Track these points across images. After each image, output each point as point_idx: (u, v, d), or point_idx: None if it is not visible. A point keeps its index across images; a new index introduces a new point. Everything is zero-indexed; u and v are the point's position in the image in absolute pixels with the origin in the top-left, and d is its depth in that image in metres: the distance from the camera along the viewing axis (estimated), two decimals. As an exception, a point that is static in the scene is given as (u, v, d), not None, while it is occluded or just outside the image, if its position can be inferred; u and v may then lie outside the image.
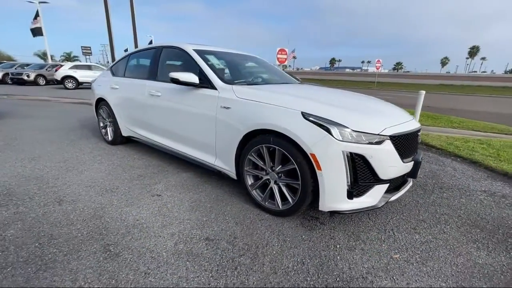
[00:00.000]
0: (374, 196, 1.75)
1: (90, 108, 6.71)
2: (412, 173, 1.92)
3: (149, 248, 1.60)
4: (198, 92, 2.34)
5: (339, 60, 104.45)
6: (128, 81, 3.23)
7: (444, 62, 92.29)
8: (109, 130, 3.68)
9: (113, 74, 3.60)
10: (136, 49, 3.42)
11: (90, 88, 4.35)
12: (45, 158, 3.11)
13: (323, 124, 1.65)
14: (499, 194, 2.52)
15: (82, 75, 13.87)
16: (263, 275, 1.42)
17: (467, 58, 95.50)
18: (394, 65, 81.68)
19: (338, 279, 1.40)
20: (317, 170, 1.66)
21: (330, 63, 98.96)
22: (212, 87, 2.27)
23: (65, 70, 13.80)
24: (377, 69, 28.48)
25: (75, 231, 1.75)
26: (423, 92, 6.16)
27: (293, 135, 1.71)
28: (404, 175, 1.90)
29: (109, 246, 1.61)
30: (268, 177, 1.98)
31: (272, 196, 1.99)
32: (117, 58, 3.85)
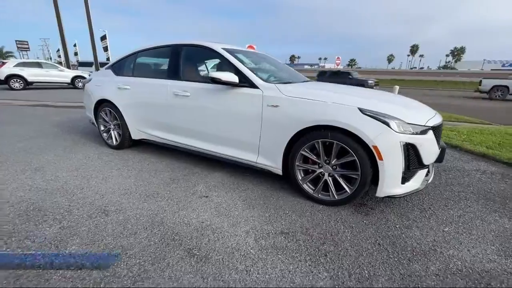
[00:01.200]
0: (418, 180, 1.99)
1: (57, 111, 6.13)
2: (440, 158, 2.21)
3: (234, 248, 1.62)
4: (238, 91, 2.36)
5: (298, 57, 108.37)
6: (142, 80, 3.05)
7: (390, 59, 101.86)
8: (114, 133, 3.43)
9: (117, 74, 3.36)
10: (145, 47, 3.23)
11: (43, 89, 3.96)
12: (50, 167, 2.80)
13: (381, 118, 1.83)
14: (488, 172, 3.01)
15: (31, 74, 12.24)
16: (353, 258, 1.55)
17: (408, 55, 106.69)
18: (349, 61, 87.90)
19: (415, 253, 1.60)
20: (378, 160, 1.83)
21: (290, 60, 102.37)
22: (252, 86, 2.30)
23: (10, 68, 12.04)
24: (337, 65, 30.34)
25: (144, 239, 1.67)
26: (397, 87, 6.84)
27: (354, 129, 1.85)
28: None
29: (192, 250, 1.59)
30: (321, 170, 2.10)
31: (325, 188, 2.13)
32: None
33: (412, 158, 1.88)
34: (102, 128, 3.56)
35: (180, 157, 3.20)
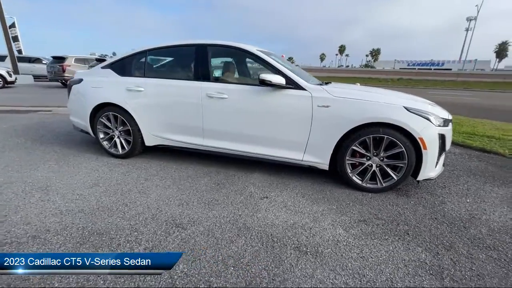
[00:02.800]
0: (440, 164, 2.44)
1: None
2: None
3: (333, 240, 1.75)
4: (285, 93, 2.44)
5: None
6: (162, 82, 2.82)
7: (322, 57, 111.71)
8: (120, 141, 3.07)
9: (121, 74, 3.00)
10: (157, 46, 2.96)
11: None
12: (59, 185, 2.40)
13: (423, 115, 2.19)
14: (463, 154, 3.78)
15: None
16: (428, 232, 1.85)
17: (336, 55, 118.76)
18: (287, 59, 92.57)
19: (464, 222, 2.00)
20: (423, 150, 2.19)
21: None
22: (298, 87, 2.42)
23: None
24: (282, 63, 31.76)
25: (247, 246, 1.66)
26: (358, 84, 7.72)
27: (405, 125, 2.17)
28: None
29: (300, 248, 1.66)
30: (370, 162, 2.38)
31: (372, 178, 2.41)
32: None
33: (441, 146, 2.30)
34: (101, 136, 3.13)
35: (202, 161, 3.08)
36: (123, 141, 3.07)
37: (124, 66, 3.02)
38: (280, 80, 2.36)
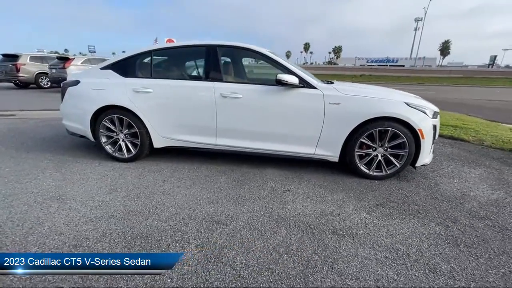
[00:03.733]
0: (431, 152, 2.81)
1: None
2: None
3: (362, 222, 1.96)
4: (298, 91, 2.60)
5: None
6: (172, 83, 2.80)
7: (288, 55, 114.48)
8: (126, 144, 2.98)
9: (124, 75, 2.90)
10: (163, 47, 2.93)
11: None
12: (74, 194, 2.30)
13: (421, 109, 2.52)
14: (446, 142, 4.28)
15: None
16: (435, 210, 2.16)
17: (301, 52, 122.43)
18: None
19: (458, 199, 2.35)
20: (421, 139, 2.51)
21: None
22: (310, 86, 2.61)
23: None
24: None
25: (289, 235, 1.79)
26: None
27: (407, 118, 2.46)
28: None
29: (337, 232, 1.84)
30: (376, 152, 2.65)
31: (377, 166, 2.69)
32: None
33: (433, 135, 2.66)
34: (104, 140, 3.01)
35: (212, 160, 3.13)
36: (129, 144, 2.98)
37: (127, 67, 2.93)
38: (295, 80, 2.52)
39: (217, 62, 2.76)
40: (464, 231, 1.88)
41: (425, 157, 2.62)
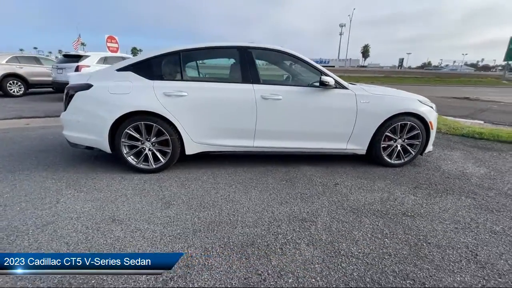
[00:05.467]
0: (431, 141, 3.38)
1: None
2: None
3: (416, 203, 2.28)
4: (333, 92, 2.81)
5: (140, 50, 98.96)
6: (210, 85, 2.68)
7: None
8: (154, 153, 2.72)
9: (150, 77, 2.64)
10: (191, 47, 2.73)
11: None
12: (124, 213, 2.04)
13: (429, 104, 3.02)
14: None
15: None
16: (457, 187, 2.65)
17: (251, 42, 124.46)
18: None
19: (461, 177, 2.92)
20: (431, 130, 3.02)
21: (132, 53, 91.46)
22: (342, 87, 2.85)
23: None
24: (199, 60, 31.17)
25: (374, 221, 1.99)
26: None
27: (421, 113, 2.91)
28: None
29: (406, 213, 2.11)
30: (396, 143, 3.05)
31: (398, 155, 3.10)
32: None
33: (436, 126, 3.21)
34: (125, 150, 2.68)
35: (243, 163, 3.08)
36: (157, 153, 2.73)
37: (152, 68, 2.67)
38: (332, 81, 2.72)
39: (253, 64, 2.75)
40: (487, 200, 2.38)
41: (431, 145, 3.15)
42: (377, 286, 1.40)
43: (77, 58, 8.54)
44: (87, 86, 2.57)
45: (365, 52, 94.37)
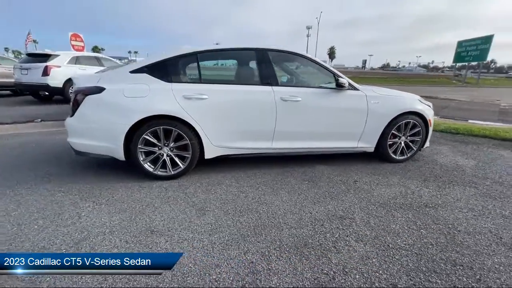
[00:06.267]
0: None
1: None
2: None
3: (432, 195, 2.49)
4: (346, 93, 2.93)
5: (102, 49, 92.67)
6: (230, 87, 2.64)
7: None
8: (172, 159, 2.61)
9: (167, 80, 2.52)
10: (208, 49, 2.67)
11: None
12: (160, 224, 1.95)
13: (427, 103, 3.30)
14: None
15: None
16: (459, 178, 2.93)
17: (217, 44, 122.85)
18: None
19: (461, 167, 3.23)
20: (430, 127, 3.29)
21: (93, 51, 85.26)
22: (355, 88, 2.99)
23: None
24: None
25: (406, 215, 2.13)
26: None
27: (422, 111, 3.17)
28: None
29: (428, 205, 2.29)
30: (400, 140, 3.27)
31: (401, 152, 3.33)
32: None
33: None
34: (142, 157, 2.53)
35: (259, 164, 3.08)
36: (176, 159, 2.62)
37: (168, 71, 2.55)
38: (347, 83, 2.84)
39: (271, 66, 2.77)
40: (487, 189, 2.66)
41: (428, 141, 3.43)
42: (432, 273, 1.50)
43: (45, 57, 7.78)
44: (99, 89, 2.38)
45: (332, 54, 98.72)
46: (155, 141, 2.52)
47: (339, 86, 2.79)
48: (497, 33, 29.87)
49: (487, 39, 29.30)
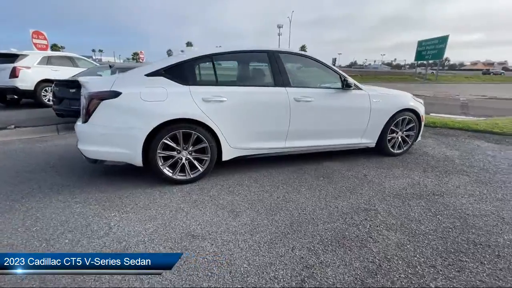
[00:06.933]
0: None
1: None
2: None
3: (436, 183, 2.74)
4: (352, 93, 3.11)
5: (62, 47, 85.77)
6: (247, 89, 2.68)
7: (169, 53, 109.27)
8: (191, 163, 2.59)
9: (184, 82, 2.49)
10: (223, 51, 2.68)
11: None
12: (197, 227, 1.96)
13: (419, 100, 3.60)
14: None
15: None
16: (451, 168, 3.24)
17: (182, 51, 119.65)
18: (132, 55, 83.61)
19: (450, 159, 3.57)
20: (422, 122, 3.60)
21: (51, 49, 78.58)
22: (358, 88, 3.18)
23: None
24: (142, 60, 29.09)
25: (427, 206, 2.34)
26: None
27: (416, 108, 3.45)
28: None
29: (437, 194, 2.53)
30: (397, 135, 3.54)
31: (398, 146, 3.59)
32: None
33: (420, 119, 3.83)
34: (161, 162, 2.48)
35: (270, 164, 3.16)
36: (195, 162, 2.60)
37: (185, 73, 2.52)
38: (353, 83, 3.02)
39: (283, 67, 2.85)
40: (477, 176, 2.98)
41: (420, 135, 3.75)
42: (460, 253, 1.69)
43: (11, 57, 7.13)
44: (115, 94, 2.29)
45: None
46: (174, 145, 2.48)
47: (347, 86, 2.95)
48: (451, 33, 32.71)
49: (443, 39, 31.95)
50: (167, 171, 2.52)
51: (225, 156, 2.72)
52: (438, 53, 33.16)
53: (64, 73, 7.57)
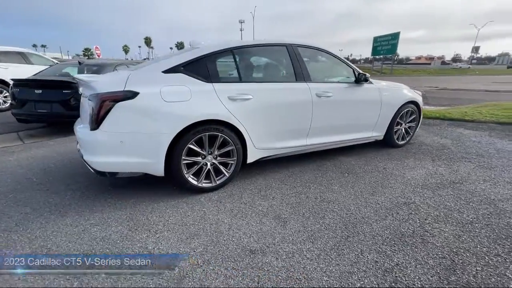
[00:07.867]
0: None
1: None
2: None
3: (452, 171, 2.88)
4: (366, 87, 3.12)
5: (-5, 42, 74.58)
6: (273, 86, 2.52)
7: (125, 49, 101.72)
8: (216, 168, 2.37)
9: (206, 79, 2.24)
10: (243, 44, 2.45)
11: None
12: (266, 242, 1.78)
13: (418, 92, 3.77)
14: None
15: None
16: (452, 156, 3.46)
17: (139, 47, 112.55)
18: (83, 50, 75.95)
19: (447, 147, 3.82)
20: (421, 113, 3.78)
21: (-20, 45, 67.75)
22: (369, 82, 3.21)
23: None
24: (99, 56, 26.68)
25: (451, 193, 2.43)
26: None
27: (417, 100, 3.60)
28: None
29: (453, 182, 2.66)
30: (402, 127, 3.66)
31: (403, 137, 3.73)
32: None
33: (415, 111, 4.03)
34: (185, 170, 2.22)
35: (285, 163, 3.04)
36: (220, 167, 2.38)
37: (206, 69, 2.26)
38: (368, 77, 3.02)
39: (303, 62, 2.73)
40: (478, 161, 3.22)
41: (418, 127, 3.94)
42: (508, 235, 1.77)
43: None
44: (132, 94, 1.95)
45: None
46: (198, 149, 2.22)
47: (364, 80, 2.95)
48: (401, 30, 35.55)
49: (395, 35, 34.64)
50: (192, 180, 2.26)
51: (250, 158, 2.53)
52: (391, 48, 35.84)
53: (15, 71, 6.56)
